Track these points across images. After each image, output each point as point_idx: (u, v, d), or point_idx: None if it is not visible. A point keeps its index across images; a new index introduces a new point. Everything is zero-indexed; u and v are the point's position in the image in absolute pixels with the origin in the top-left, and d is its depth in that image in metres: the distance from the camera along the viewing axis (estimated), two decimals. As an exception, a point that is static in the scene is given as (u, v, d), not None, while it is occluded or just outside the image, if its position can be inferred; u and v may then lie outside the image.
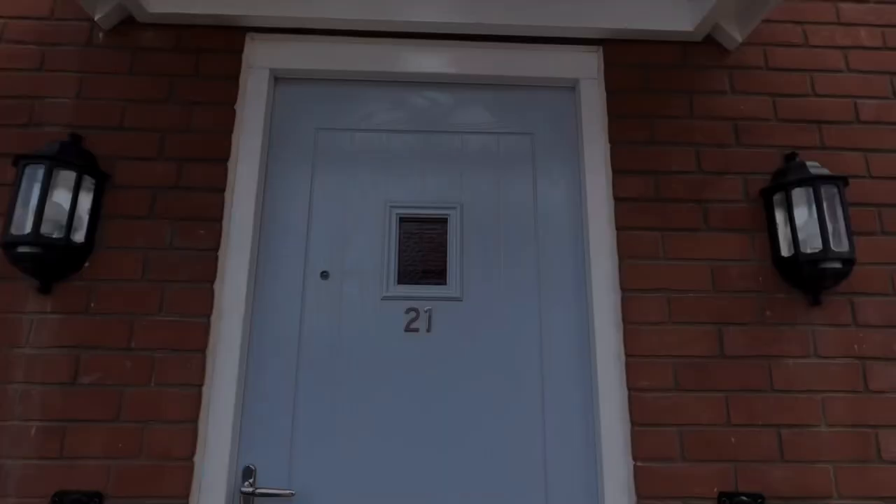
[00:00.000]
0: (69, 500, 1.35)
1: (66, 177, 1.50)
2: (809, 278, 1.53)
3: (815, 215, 1.53)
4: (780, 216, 1.61)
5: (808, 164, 1.60)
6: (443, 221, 1.69)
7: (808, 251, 1.52)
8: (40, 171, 1.47)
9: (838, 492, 1.45)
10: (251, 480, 1.46)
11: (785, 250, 1.58)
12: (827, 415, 1.50)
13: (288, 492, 1.44)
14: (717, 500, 1.43)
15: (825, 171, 1.58)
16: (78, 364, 1.46)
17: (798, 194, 1.56)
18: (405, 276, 1.65)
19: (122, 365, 1.46)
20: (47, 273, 1.48)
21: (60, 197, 1.49)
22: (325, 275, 1.63)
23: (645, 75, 1.75)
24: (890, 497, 1.45)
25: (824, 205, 1.53)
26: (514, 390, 1.56)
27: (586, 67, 1.78)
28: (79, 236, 1.51)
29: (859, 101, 1.76)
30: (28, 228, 1.43)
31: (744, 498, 1.42)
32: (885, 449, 1.48)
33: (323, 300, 1.61)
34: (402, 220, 1.69)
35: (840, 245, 1.51)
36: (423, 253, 1.68)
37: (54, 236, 1.45)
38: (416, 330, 1.60)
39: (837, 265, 1.50)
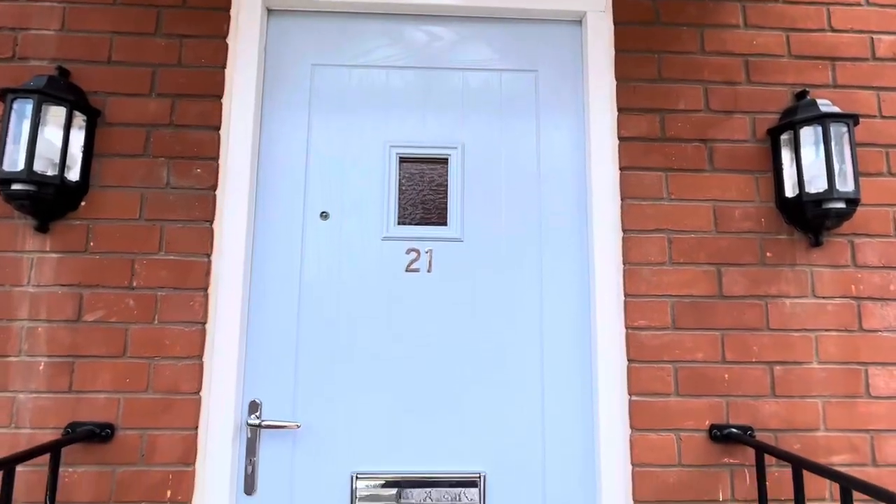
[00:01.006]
0: (82, 431, 1.39)
1: (56, 113, 1.45)
2: (812, 219, 1.52)
3: (821, 155, 1.51)
4: (786, 156, 1.59)
5: (819, 101, 1.56)
6: (443, 161, 1.66)
7: (813, 191, 1.50)
8: (28, 107, 1.43)
9: (825, 425, 1.50)
10: (257, 414, 1.51)
11: (789, 191, 1.56)
12: (819, 352, 1.53)
13: (293, 424, 1.48)
14: (708, 432, 1.49)
15: (836, 110, 1.54)
16: (81, 302, 1.47)
17: (806, 133, 1.53)
18: (405, 217, 1.64)
19: (125, 303, 1.48)
20: (43, 212, 1.46)
21: (52, 134, 1.45)
22: (324, 215, 1.62)
23: (655, 7, 1.68)
24: (875, 430, 1.50)
25: (832, 144, 1.50)
26: (513, 329, 1.59)
27: (594, -1, 1.70)
28: (73, 175, 1.49)
29: (876, 36, 1.70)
30: (21, 166, 1.40)
31: (733, 430, 1.47)
32: (874, 385, 1.53)
33: (323, 240, 1.60)
34: (402, 159, 1.66)
35: (845, 185, 1.49)
36: (423, 193, 1.66)
37: (48, 174, 1.43)
38: (417, 270, 1.61)
39: (841, 206, 1.49)
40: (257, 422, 1.49)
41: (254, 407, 1.51)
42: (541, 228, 1.64)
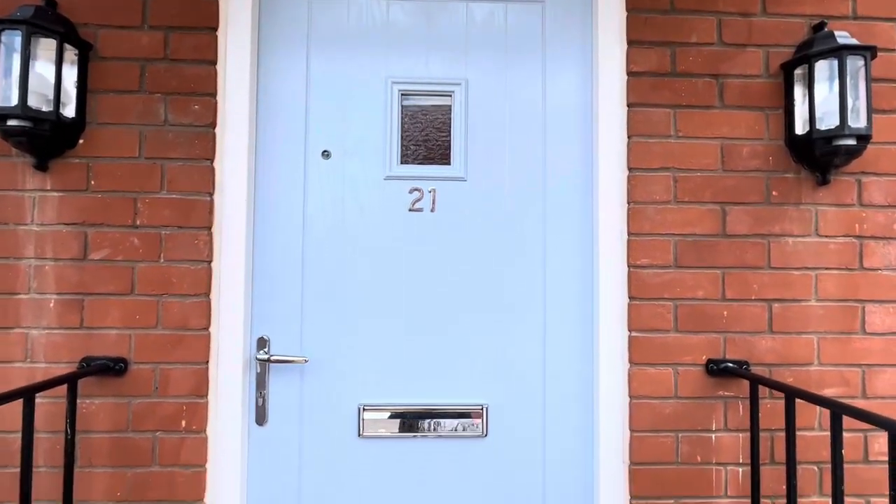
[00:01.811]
0: (97, 365, 1.43)
1: (47, 45, 1.41)
2: (821, 156, 1.50)
3: (835, 90, 1.47)
4: (798, 92, 1.55)
5: (837, 33, 1.50)
6: (447, 97, 1.62)
7: (824, 128, 1.47)
8: (17, 38, 1.38)
9: (819, 360, 1.54)
10: (265, 349, 1.54)
11: (799, 128, 1.53)
12: (818, 290, 1.55)
13: (301, 358, 1.53)
14: (704, 366, 1.53)
15: (853, 41, 1.48)
16: (86, 241, 1.48)
17: (821, 67, 1.48)
18: (408, 156, 1.62)
19: (130, 242, 1.48)
20: (41, 149, 1.44)
21: (43, 68, 1.41)
22: (326, 154, 1.59)
23: (670, -69, 1.58)
24: (867, 364, 1.54)
25: (847, 78, 1.45)
26: (516, 267, 1.60)
27: (606, -78, 1.61)
28: (69, 111, 1.45)
29: (902, -37, 1.61)
30: (14, 101, 1.37)
31: (729, 364, 1.51)
32: (870, 322, 1.55)
33: (325, 180, 1.59)
34: (404, 95, 1.62)
35: (857, 121, 1.46)
36: (426, 132, 1.63)
37: (43, 110, 1.39)
38: (420, 210, 1.60)
39: (852, 142, 1.46)
40: (266, 356, 1.53)
41: (262, 343, 1.55)
42: (545, 167, 1.62)
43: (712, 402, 1.52)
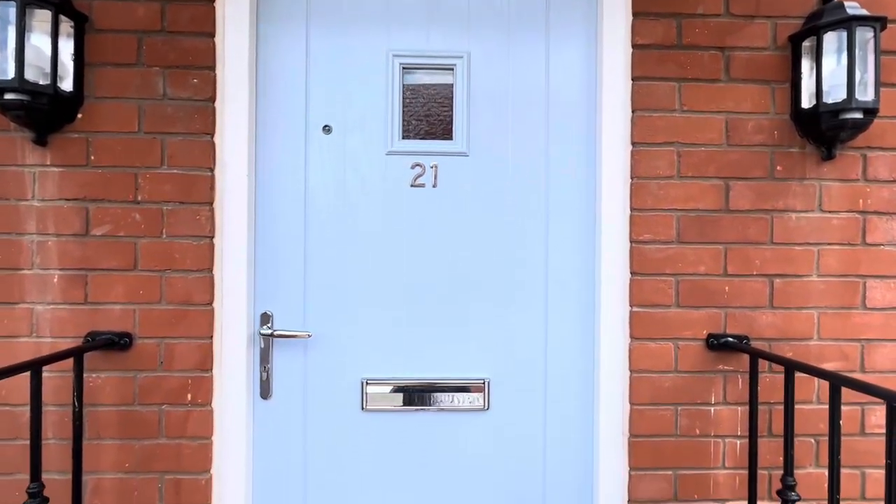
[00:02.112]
0: (102, 339, 1.44)
1: (42, 17, 1.38)
2: (827, 130, 1.48)
3: (843, 62, 1.44)
4: (806, 65, 1.52)
5: (847, 3, 1.47)
6: (449, 70, 1.60)
7: (830, 102, 1.46)
8: (11, 10, 1.36)
9: (819, 334, 1.55)
10: (269, 324, 1.56)
11: (806, 102, 1.51)
12: (820, 265, 1.55)
13: (304, 333, 1.54)
14: (705, 341, 1.54)
15: (863, 12, 1.45)
16: (88, 216, 1.48)
17: (829, 39, 1.46)
18: (410, 131, 1.60)
19: (132, 217, 1.48)
20: (40, 123, 1.43)
21: (39, 41, 1.39)
22: (327, 129, 1.58)
23: None
24: (866, 339, 1.55)
25: (856, 50, 1.43)
26: (518, 243, 1.60)
27: None
28: (66, 85, 1.44)
29: (916, -70, 1.57)
30: (11, 74, 1.35)
31: (730, 338, 1.52)
32: (871, 297, 1.56)
33: (326, 155, 1.58)
34: (406, 69, 1.59)
35: (865, 94, 1.44)
36: (427, 106, 1.61)
37: (41, 83, 1.38)
38: (422, 185, 1.59)
39: (858, 116, 1.44)
40: (269, 331, 1.54)
41: (265, 318, 1.56)
42: (548, 142, 1.60)
43: (712, 376, 1.54)
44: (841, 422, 1.15)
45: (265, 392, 1.56)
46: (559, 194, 1.60)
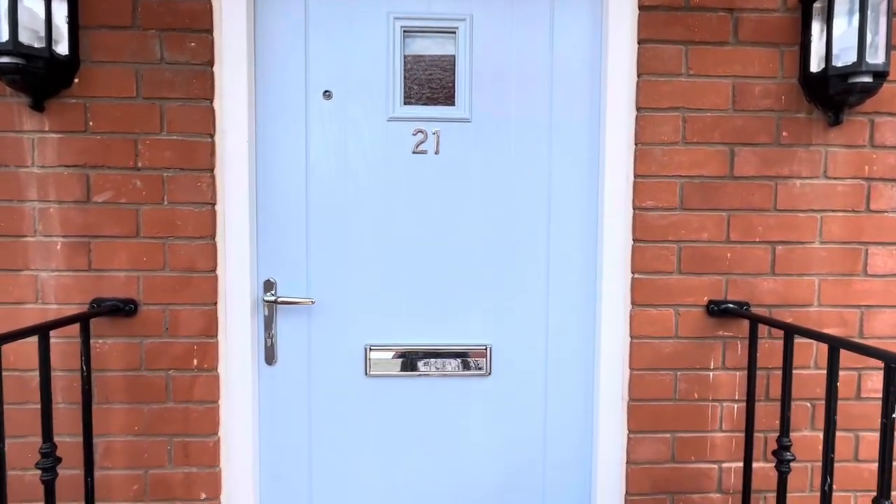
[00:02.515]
0: (107, 305, 1.45)
1: (33, -23, 1.35)
2: (835, 95, 1.46)
3: (855, 24, 1.41)
4: (816, 27, 1.49)
5: (861, -38, 1.42)
6: (451, 34, 1.56)
7: (840, 65, 1.43)
8: (2, -30, 1.32)
9: (819, 301, 1.56)
10: (272, 291, 1.56)
11: (815, 65, 1.49)
12: (823, 232, 1.55)
13: (308, 300, 1.55)
14: (705, 307, 1.55)
15: (878, -29, 1.41)
16: (88, 183, 1.47)
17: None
18: (412, 97, 1.58)
19: (133, 184, 1.47)
20: (36, 88, 1.41)
21: (32, 2, 1.36)
22: (327, 94, 1.56)
23: None
24: (866, 305, 1.56)
25: (868, 11, 1.39)
26: (521, 210, 1.59)
27: None
28: (61, 48, 1.41)
29: None
30: (5, 36, 1.32)
31: (730, 305, 1.53)
32: (872, 264, 1.56)
33: (327, 121, 1.56)
34: (407, 32, 1.56)
35: (875, 57, 1.41)
36: (429, 72, 1.59)
37: (35, 46, 1.35)
38: (424, 152, 1.58)
39: (868, 80, 1.42)
40: (273, 298, 1.55)
41: (269, 286, 1.57)
42: (552, 108, 1.58)
43: (711, 342, 1.56)
44: (838, 384, 1.16)
45: (270, 358, 1.58)
46: (562, 161, 1.59)
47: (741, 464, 1.56)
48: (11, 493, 1.44)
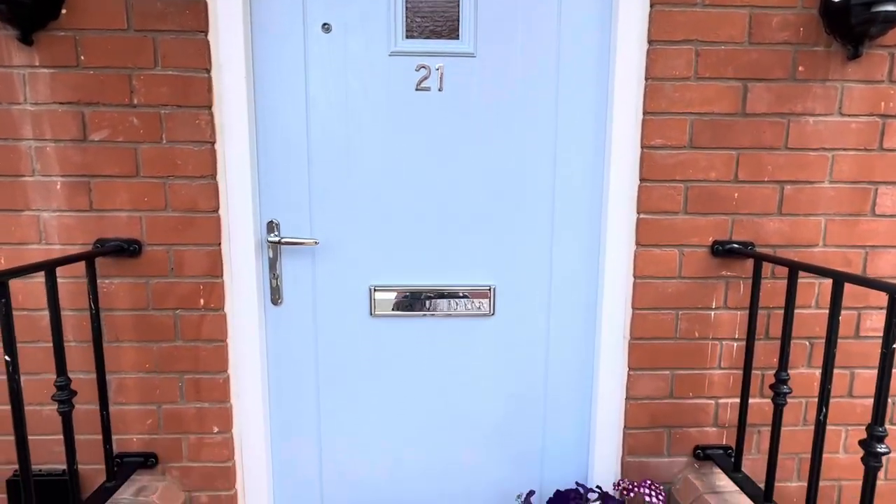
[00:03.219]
0: (111, 245, 1.45)
1: None
2: (856, 25, 1.39)
3: (883, -53, 1.33)
4: (841, -49, 1.41)
5: None
6: (455, -40, 1.49)
7: (864, -8, 1.36)
8: None
9: (824, 241, 1.56)
10: (276, 232, 1.56)
11: (837, -7, 1.42)
12: (833, 172, 1.53)
13: (311, 240, 1.55)
14: (710, 247, 1.54)
15: None
16: (84, 121, 1.43)
17: (871, -80, 1.34)
18: (414, 30, 1.52)
19: (129, 121, 1.44)
20: (23, 19, 1.35)
21: (10, -76, 1.28)
22: (326, 27, 1.49)
23: None
24: (871, 245, 1.56)
25: (898, -68, 1.32)
26: (526, 149, 1.56)
27: None
28: (46, -25, 1.34)
29: None
30: (-14, -39, 1.26)
31: (735, 245, 1.53)
32: (881, 204, 1.55)
33: (326, 56, 1.51)
34: (409, -42, 1.48)
35: (901, -16, 1.35)
36: (432, 3, 1.51)
37: (18, -28, 1.29)
38: (428, 89, 1.53)
39: (891, 8, 1.35)
40: (277, 239, 1.54)
41: (272, 227, 1.56)
42: (560, 42, 1.52)
43: (714, 282, 1.56)
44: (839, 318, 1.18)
45: (275, 298, 1.59)
46: (570, 97, 1.54)
47: (738, 399, 1.60)
48: (31, 427, 1.49)
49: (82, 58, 1.41)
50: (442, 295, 1.61)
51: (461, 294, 1.61)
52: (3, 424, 1.54)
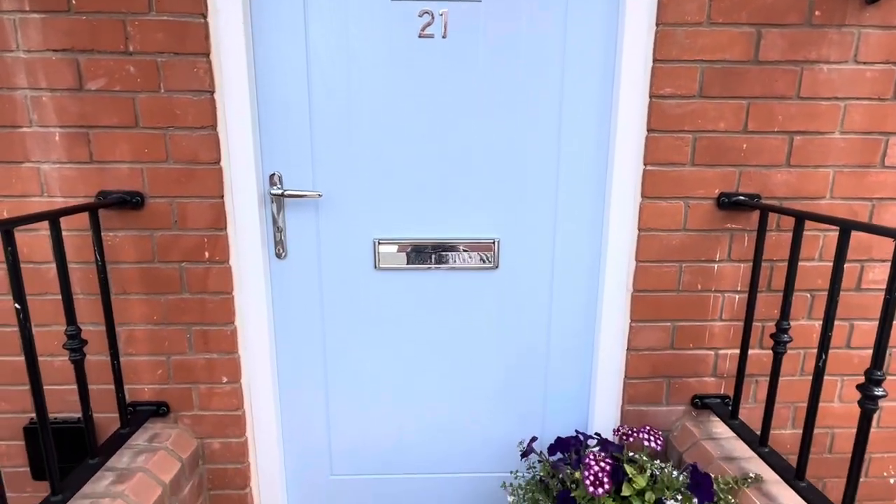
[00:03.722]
0: (114, 197, 1.44)
1: None
2: (878, -35, 1.34)
3: None
4: None
5: None
6: None
7: (888, -70, 1.30)
8: None
9: (832, 193, 1.55)
10: (279, 185, 1.55)
11: (860, -69, 1.35)
12: (844, 122, 1.50)
13: (315, 193, 1.53)
14: (716, 199, 1.53)
15: None
16: (79, 69, 1.40)
17: None
18: (416, -28, 1.46)
19: (126, 70, 1.40)
20: (10, -40, 1.30)
21: None
22: (325, -30, 1.44)
23: None
24: (878, 198, 1.55)
25: None
26: (532, 101, 1.53)
27: None
28: (31, -88, 1.28)
29: None
30: None
31: (741, 197, 1.52)
32: (891, 155, 1.52)
33: (326, 1, 1.45)
34: None
35: (929, -80, 1.28)
36: (436, -58, 1.45)
37: None
38: (431, 36, 1.49)
39: (916, -53, 1.30)
40: (280, 191, 1.53)
41: (274, 180, 1.55)
42: (567, -13, 1.47)
43: (719, 235, 1.56)
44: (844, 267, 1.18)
45: (280, 251, 1.60)
46: (577, 44, 1.50)
47: (737, 351, 1.63)
48: (44, 377, 1.52)
49: (73, 2, 1.36)
50: (446, 248, 1.61)
51: (465, 247, 1.61)
52: (16, 375, 1.58)
